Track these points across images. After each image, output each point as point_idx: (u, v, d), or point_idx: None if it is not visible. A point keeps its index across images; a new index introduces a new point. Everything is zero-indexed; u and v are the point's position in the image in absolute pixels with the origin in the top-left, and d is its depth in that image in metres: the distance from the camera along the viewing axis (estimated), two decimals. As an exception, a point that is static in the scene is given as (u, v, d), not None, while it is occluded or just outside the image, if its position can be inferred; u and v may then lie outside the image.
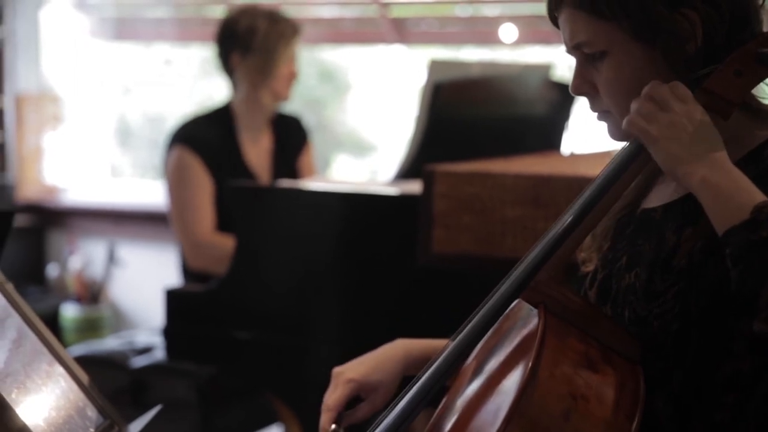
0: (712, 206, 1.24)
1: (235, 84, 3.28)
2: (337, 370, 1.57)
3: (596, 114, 1.40)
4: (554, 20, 1.40)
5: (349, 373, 1.56)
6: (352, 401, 1.56)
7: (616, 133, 1.39)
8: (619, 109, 1.35)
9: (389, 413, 1.39)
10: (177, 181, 3.20)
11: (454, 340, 1.37)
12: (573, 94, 1.40)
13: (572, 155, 3.00)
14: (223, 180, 3.18)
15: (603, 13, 1.33)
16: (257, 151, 3.32)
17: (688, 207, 1.33)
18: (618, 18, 1.32)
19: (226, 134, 3.26)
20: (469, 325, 1.36)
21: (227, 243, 3.00)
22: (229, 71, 3.27)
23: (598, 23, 1.33)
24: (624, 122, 1.30)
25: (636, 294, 1.35)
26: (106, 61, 4.75)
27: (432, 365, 1.37)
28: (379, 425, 1.39)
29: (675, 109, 1.27)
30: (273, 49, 3.20)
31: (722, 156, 1.26)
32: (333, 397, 1.55)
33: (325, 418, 1.54)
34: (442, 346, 1.53)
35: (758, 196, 1.22)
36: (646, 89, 1.30)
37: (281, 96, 3.27)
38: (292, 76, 3.27)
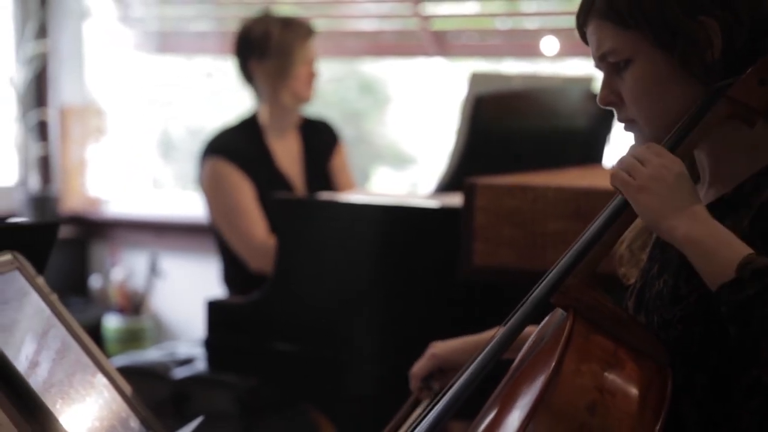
0: (697, 263, 1.28)
1: (257, 91, 3.31)
2: (432, 343, 1.77)
3: (623, 124, 1.44)
4: (583, 35, 1.44)
5: (436, 349, 1.75)
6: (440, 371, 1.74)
7: (643, 143, 1.41)
8: (643, 116, 1.39)
9: (427, 414, 1.42)
10: (217, 191, 3.22)
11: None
12: (600, 105, 1.44)
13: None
14: (260, 186, 3.21)
15: (626, 22, 1.37)
16: (288, 156, 3.34)
17: (713, 215, 1.33)
18: (640, 26, 1.36)
19: (256, 142, 3.29)
20: (503, 330, 1.39)
21: None
22: (249, 79, 3.31)
23: (623, 32, 1.37)
24: (611, 174, 1.35)
25: (663, 299, 1.38)
26: (149, 73, 4.79)
27: (465, 370, 1.40)
28: (418, 424, 1.43)
29: (653, 162, 1.31)
30: (288, 50, 3.23)
31: (701, 209, 1.30)
32: (417, 366, 1.75)
33: (411, 382, 1.76)
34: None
35: (741, 250, 1.25)
36: (629, 151, 1.35)
37: (302, 96, 3.29)
38: (311, 77, 3.29)
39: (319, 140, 3.42)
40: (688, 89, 1.37)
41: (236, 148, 3.25)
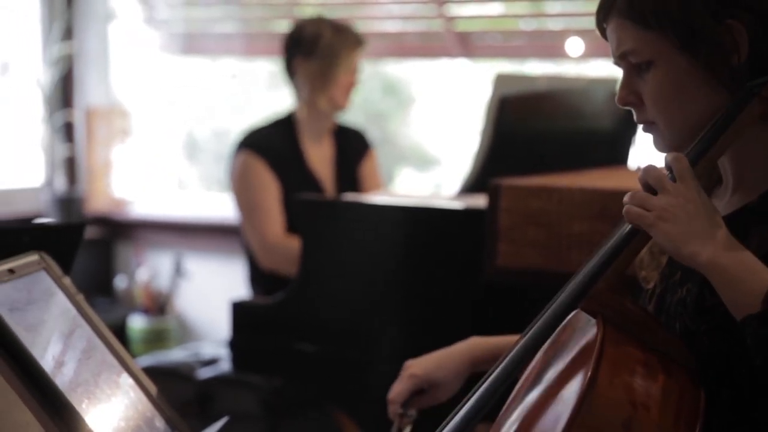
0: (722, 290, 1.25)
1: (296, 89, 3.34)
2: (407, 363, 1.71)
3: (642, 125, 1.41)
4: (603, 31, 1.41)
5: (413, 369, 1.70)
6: (420, 392, 1.69)
7: (662, 145, 1.39)
8: (664, 120, 1.36)
9: (448, 423, 1.40)
10: (244, 184, 3.25)
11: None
12: (619, 105, 1.41)
13: (639, 169, 2.97)
14: (289, 185, 3.23)
15: (649, 23, 1.33)
16: (320, 159, 3.36)
17: (737, 224, 1.31)
18: (663, 28, 1.33)
19: (290, 141, 3.31)
20: (527, 335, 1.37)
21: (297, 244, 3.03)
22: (292, 76, 3.33)
23: (645, 33, 1.34)
24: (624, 211, 1.30)
25: (686, 308, 1.35)
26: (174, 75, 4.81)
27: (490, 376, 1.38)
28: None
29: (668, 188, 1.27)
30: (335, 55, 3.26)
31: (724, 233, 1.26)
32: (396, 390, 1.69)
33: (390, 409, 1.69)
34: (510, 342, 1.58)
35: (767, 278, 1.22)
36: (639, 174, 1.30)
37: (338, 104, 3.32)
38: (351, 86, 3.32)
39: (351, 147, 3.45)
40: (711, 93, 1.33)
41: (270, 145, 3.28)
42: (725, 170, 1.40)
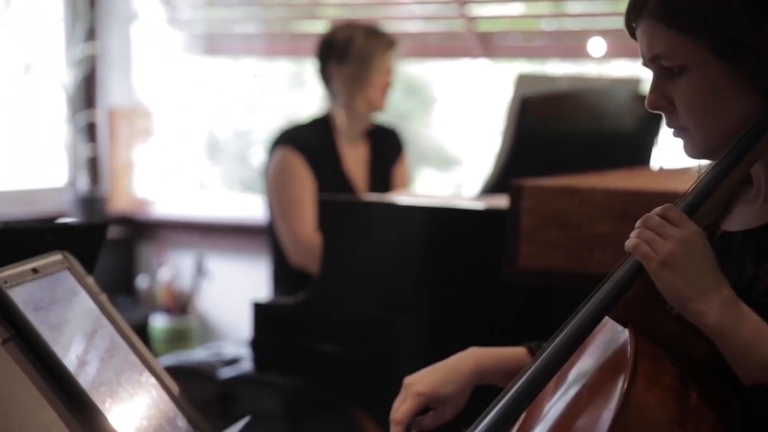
0: (727, 355, 1.23)
1: (332, 93, 3.37)
2: (407, 380, 1.59)
3: (672, 130, 1.37)
4: (632, 31, 1.37)
5: (418, 386, 1.57)
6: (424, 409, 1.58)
7: (694, 151, 1.36)
8: (697, 126, 1.32)
9: None
10: (281, 180, 3.27)
11: (537, 356, 1.35)
12: (649, 109, 1.37)
13: (661, 170, 2.96)
14: (324, 185, 3.25)
15: (683, 27, 1.29)
16: (355, 160, 3.39)
17: (767, 238, 1.30)
18: (699, 33, 1.28)
19: (327, 141, 3.34)
20: (555, 344, 1.33)
21: None
22: (327, 81, 3.36)
23: (678, 36, 1.30)
24: (627, 244, 1.27)
25: None
26: (196, 75, 4.82)
27: (515, 385, 1.34)
28: None
29: (674, 235, 1.25)
30: (369, 58, 3.29)
31: (729, 294, 1.23)
32: (401, 410, 1.56)
33: (394, 430, 1.56)
34: (514, 354, 1.57)
35: None
36: (638, 222, 1.27)
37: (376, 105, 3.35)
38: (387, 86, 3.36)
39: (386, 147, 3.49)
40: (746, 100, 1.29)
41: (308, 143, 3.30)
42: (758, 176, 1.37)
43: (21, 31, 4.48)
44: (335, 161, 3.34)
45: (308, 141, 3.30)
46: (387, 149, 3.48)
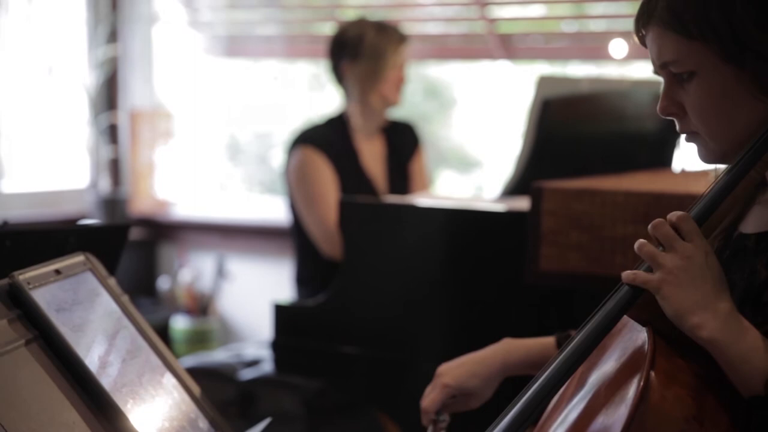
0: (724, 366, 1.24)
1: (346, 92, 3.38)
2: (440, 369, 1.69)
3: (684, 135, 1.38)
4: (641, 39, 1.38)
5: (446, 378, 1.68)
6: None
7: (706, 156, 1.37)
8: (708, 130, 1.33)
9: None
10: (302, 177, 3.28)
11: (555, 358, 1.35)
12: (661, 115, 1.38)
13: (683, 172, 2.95)
14: (344, 182, 3.26)
15: (691, 33, 1.30)
16: (372, 157, 3.40)
17: None
18: (706, 38, 1.29)
19: (344, 139, 3.36)
20: (574, 343, 1.33)
21: None
22: (340, 80, 3.36)
23: (686, 43, 1.31)
24: (623, 275, 1.29)
25: (744, 302, 1.32)
26: (217, 77, 4.84)
27: (534, 384, 1.35)
28: None
29: (676, 248, 1.25)
30: (381, 54, 3.30)
31: (726, 307, 1.24)
32: (428, 399, 1.68)
33: (423, 418, 1.69)
34: (543, 346, 1.64)
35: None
36: (649, 228, 1.28)
37: (390, 100, 3.35)
38: (400, 82, 3.36)
39: (402, 142, 3.49)
40: (756, 104, 1.30)
41: (326, 140, 3.32)
42: None
43: (44, 34, 4.51)
44: (353, 158, 3.35)
45: (326, 139, 3.31)
46: (403, 144, 3.48)
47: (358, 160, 3.36)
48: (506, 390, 1.62)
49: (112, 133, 4.67)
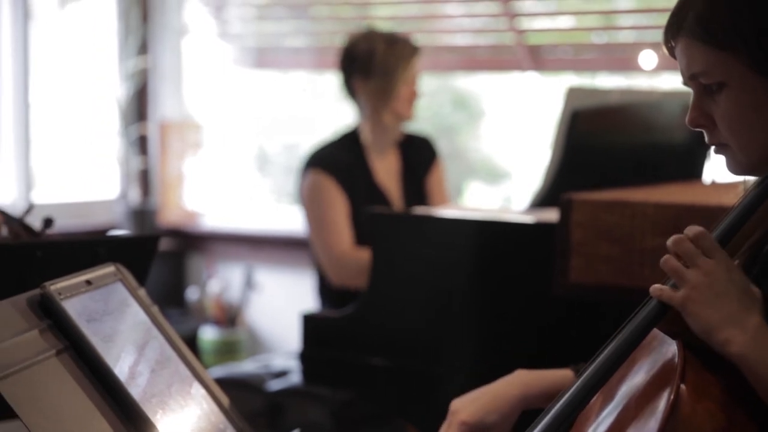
0: (753, 382, 1.23)
1: (359, 107, 3.35)
2: (453, 406, 1.60)
3: (713, 147, 1.37)
4: (671, 50, 1.37)
5: (463, 414, 1.57)
6: None
7: (735, 168, 1.36)
8: (737, 142, 1.33)
9: None
10: (312, 202, 3.27)
11: (584, 371, 1.34)
12: (689, 127, 1.37)
13: (713, 184, 2.93)
14: (357, 200, 3.24)
15: (720, 44, 1.30)
16: (387, 172, 3.38)
17: None
18: (736, 48, 1.29)
19: (356, 156, 3.33)
20: (604, 354, 1.33)
21: (366, 256, 3.04)
22: (352, 95, 3.34)
23: (716, 53, 1.31)
24: (651, 289, 1.28)
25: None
26: (246, 89, 4.86)
27: (563, 397, 1.34)
28: None
29: (699, 264, 1.25)
30: (392, 71, 3.26)
31: (755, 322, 1.23)
32: None
33: None
34: (562, 377, 1.57)
35: None
36: (670, 243, 1.27)
37: (403, 116, 3.33)
38: (413, 96, 3.32)
39: (418, 156, 3.46)
40: None
41: (337, 162, 3.29)
42: None
43: (75, 46, 4.55)
44: (367, 175, 3.33)
45: (337, 161, 3.28)
46: (420, 159, 3.45)
47: (371, 177, 3.33)
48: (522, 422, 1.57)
49: (141, 144, 4.69)
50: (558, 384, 1.58)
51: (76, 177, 4.61)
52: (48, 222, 1.95)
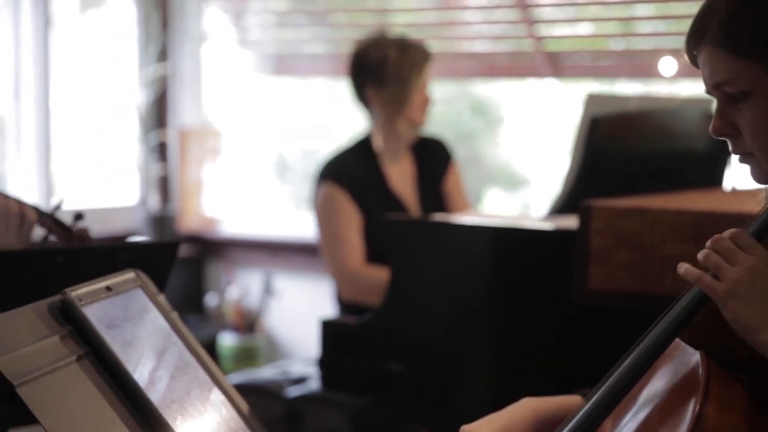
0: None
1: (372, 115, 3.34)
2: (466, 429, 1.53)
3: (738, 156, 1.36)
4: (693, 58, 1.36)
5: None
6: None
7: (760, 176, 1.35)
8: (762, 151, 1.31)
9: None
10: (326, 215, 3.26)
11: (599, 385, 1.33)
12: (713, 136, 1.36)
13: (734, 191, 2.92)
14: (372, 211, 3.23)
15: (744, 52, 1.28)
16: (401, 178, 3.36)
17: None
18: (761, 56, 1.28)
19: (370, 165, 3.32)
20: (626, 364, 1.32)
21: (377, 274, 3.04)
22: (365, 103, 3.33)
23: (740, 62, 1.29)
24: (687, 273, 1.25)
25: None
26: (265, 95, 4.87)
27: (591, 400, 1.33)
28: None
29: (741, 262, 1.23)
30: (406, 79, 3.25)
31: None
32: None
33: None
34: (571, 403, 1.51)
35: None
36: (708, 243, 1.25)
37: (416, 123, 3.32)
38: (425, 102, 3.31)
39: (433, 159, 3.44)
40: None
41: (351, 174, 3.28)
42: None
43: (96, 53, 4.57)
44: (381, 183, 3.31)
45: (351, 172, 3.27)
46: (434, 162, 3.43)
47: (386, 184, 3.32)
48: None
49: (161, 151, 4.71)
50: (566, 407, 1.52)
51: (96, 184, 4.63)
52: (78, 216, 1.97)
